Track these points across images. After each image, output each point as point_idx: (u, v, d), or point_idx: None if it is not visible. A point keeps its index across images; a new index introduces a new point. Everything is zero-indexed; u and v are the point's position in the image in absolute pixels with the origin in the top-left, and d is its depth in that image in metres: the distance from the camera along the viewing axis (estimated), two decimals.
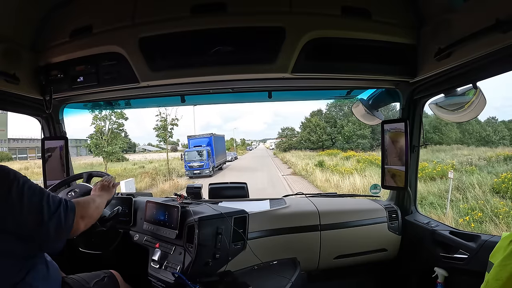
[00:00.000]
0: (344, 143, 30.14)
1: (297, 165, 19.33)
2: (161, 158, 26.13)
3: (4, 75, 1.44)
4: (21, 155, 31.34)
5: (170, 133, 18.90)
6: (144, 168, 20.76)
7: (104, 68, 1.59)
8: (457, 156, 16.59)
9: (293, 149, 34.97)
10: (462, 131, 27.49)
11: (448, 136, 26.89)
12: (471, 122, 27.30)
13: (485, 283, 0.97)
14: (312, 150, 30.95)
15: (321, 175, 13.71)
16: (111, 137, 16.43)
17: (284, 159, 27.27)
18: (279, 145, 41.83)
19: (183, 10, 1.42)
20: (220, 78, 1.63)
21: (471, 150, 20.21)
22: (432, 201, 8.10)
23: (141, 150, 43.39)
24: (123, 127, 16.70)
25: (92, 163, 24.26)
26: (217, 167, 19.97)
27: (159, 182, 14.70)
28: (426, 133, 13.03)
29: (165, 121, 17.98)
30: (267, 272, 1.67)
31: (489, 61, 1.22)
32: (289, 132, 40.38)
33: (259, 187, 10.81)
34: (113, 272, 1.46)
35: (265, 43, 1.46)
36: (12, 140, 34.49)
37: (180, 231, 1.59)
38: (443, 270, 1.64)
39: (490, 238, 1.47)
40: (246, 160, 31.59)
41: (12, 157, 28.21)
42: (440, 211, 7.36)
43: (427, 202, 8.05)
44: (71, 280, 1.26)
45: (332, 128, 32.34)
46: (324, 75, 1.61)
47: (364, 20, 1.46)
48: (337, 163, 17.24)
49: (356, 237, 1.91)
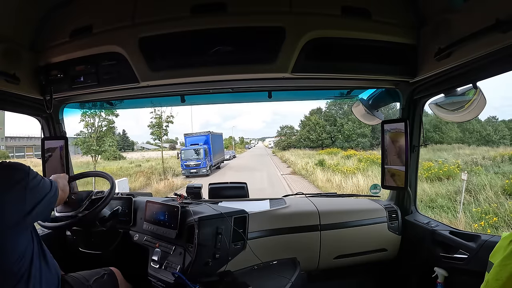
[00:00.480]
0: (343, 142, 29.91)
1: (296, 164, 19.01)
2: (159, 156, 25.80)
3: (4, 75, 1.44)
4: (19, 153, 31.30)
5: (165, 131, 18.16)
6: (141, 167, 20.32)
7: (104, 68, 1.59)
8: (460, 156, 16.21)
9: (292, 147, 34.82)
10: (463, 130, 27.26)
11: (449, 135, 26.65)
12: (472, 122, 26.94)
13: (485, 283, 0.97)
14: (312, 149, 30.76)
15: (322, 175, 13.34)
16: (100, 135, 15.41)
17: (283, 157, 26.96)
18: (278, 144, 41.54)
19: (183, 10, 1.42)
20: (220, 78, 1.63)
21: (472, 149, 19.91)
22: (442, 203, 7.58)
23: (140, 148, 43.41)
24: (113, 124, 15.70)
25: (89, 162, 24.05)
26: (215, 166, 19.67)
27: (154, 182, 14.27)
28: (426, 132, 12.57)
29: (160, 118, 17.32)
30: (267, 272, 1.67)
31: (489, 61, 1.22)
32: (288, 131, 40.24)
33: (257, 187, 10.64)
34: (113, 269, 1.46)
35: (265, 43, 1.46)
36: (10, 138, 34.47)
37: (180, 231, 1.59)
38: (443, 270, 1.64)
39: (490, 238, 1.47)
40: (245, 158, 31.33)
41: (9, 155, 28.04)
42: (452, 214, 7.02)
43: (436, 205, 7.56)
44: (70, 278, 1.27)
45: (332, 127, 32.10)
46: (324, 75, 1.61)
47: (364, 20, 1.45)
48: (338, 162, 16.75)
49: (356, 237, 1.91)
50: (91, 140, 14.74)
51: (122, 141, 44.87)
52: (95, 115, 14.55)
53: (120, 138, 44.59)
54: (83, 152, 15.26)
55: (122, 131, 46.70)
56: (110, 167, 20.09)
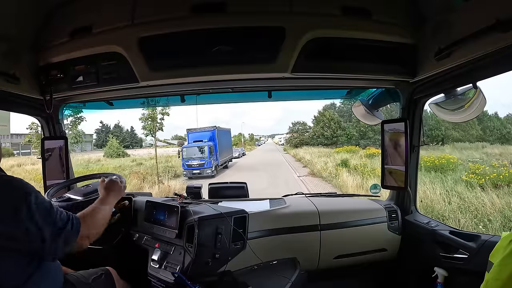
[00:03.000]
0: (359, 139, 28.35)
1: (314, 163, 16.37)
2: (167, 153, 24.56)
3: (4, 74, 1.44)
4: (25, 150, 31.18)
5: (160, 124, 15.39)
6: (142, 165, 18.52)
7: (104, 68, 1.59)
8: (490, 156, 14.24)
9: (305, 145, 32.53)
10: (483, 128, 25.68)
11: (469, 133, 24.85)
12: (492, 119, 25.92)
13: (485, 283, 0.96)
14: (326, 146, 28.90)
15: (352, 179, 10.46)
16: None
17: (297, 156, 24.31)
18: (289, 141, 39.06)
19: (183, 10, 1.42)
20: (220, 78, 1.63)
21: (495, 148, 17.99)
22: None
23: (148, 145, 43.29)
24: (80, 114, 14.91)
25: (90, 159, 23.31)
26: (222, 165, 17.31)
27: (147, 186, 12.12)
28: (445, 130, 12.34)
29: (154, 109, 14.56)
30: (267, 272, 1.67)
31: (489, 61, 1.22)
32: (300, 127, 38.14)
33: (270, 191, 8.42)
34: (109, 268, 1.47)
35: (265, 43, 1.46)
36: (15, 136, 34.41)
37: (180, 231, 1.59)
38: (443, 270, 1.64)
39: (490, 238, 1.47)
40: (255, 157, 28.64)
41: (13, 153, 27.83)
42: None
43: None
44: (72, 277, 1.28)
45: (347, 123, 30.31)
46: (324, 75, 1.61)
47: (364, 19, 1.45)
48: (365, 163, 13.61)
49: (356, 237, 1.91)
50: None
51: (129, 138, 44.57)
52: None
53: (127, 135, 44.50)
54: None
55: (130, 128, 46.50)
56: (108, 165, 18.94)
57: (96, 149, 19.85)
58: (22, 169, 15.66)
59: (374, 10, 1.45)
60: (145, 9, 1.46)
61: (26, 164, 17.37)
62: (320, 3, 1.43)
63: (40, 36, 1.60)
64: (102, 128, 42.19)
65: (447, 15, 1.28)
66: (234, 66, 1.51)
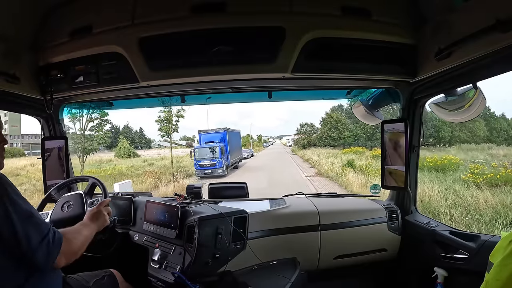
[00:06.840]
0: (366, 140, 28.40)
1: (321, 164, 16.92)
2: (176, 154, 24.02)
3: (4, 75, 1.44)
4: (35, 150, 31.17)
5: (175, 126, 15.88)
6: (154, 166, 18.76)
7: (104, 68, 1.59)
8: (495, 157, 14.44)
9: (313, 146, 32.91)
10: (490, 129, 25.49)
11: (476, 134, 24.86)
12: (499, 120, 25.85)
13: (485, 283, 0.97)
14: (333, 148, 29.16)
15: (356, 179, 11.05)
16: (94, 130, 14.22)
17: (305, 157, 24.61)
18: (297, 142, 39.46)
19: (183, 10, 1.42)
20: (220, 78, 1.63)
21: (501, 149, 18.05)
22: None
23: (157, 146, 43.21)
24: (106, 117, 14.15)
25: (101, 159, 23.21)
26: (232, 166, 17.76)
27: (163, 184, 12.77)
28: (452, 131, 12.23)
29: (170, 112, 15.10)
30: (267, 272, 1.67)
31: (489, 61, 1.22)
32: (308, 128, 38.49)
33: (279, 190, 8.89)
34: (113, 271, 1.46)
35: (265, 43, 1.46)
36: (26, 136, 34.38)
37: (180, 231, 1.59)
38: (443, 270, 1.64)
39: (490, 238, 1.47)
40: (264, 158, 28.89)
41: (24, 153, 27.84)
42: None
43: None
44: (71, 280, 1.26)
45: (354, 124, 30.26)
46: (324, 75, 1.61)
47: (364, 20, 1.45)
48: (370, 163, 14.17)
49: (356, 237, 1.91)
50: (80, 138, 13.35)
51: (138, 138, 44.77)
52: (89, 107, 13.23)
53: (136, 136, 44.70)
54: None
55: (139, 129, 46.77)
56: (121, 165, 19.06)
57: (105, 150, 19.76)
58: (35, 168, 15.53)
59: (374, 10, 1.45)
60: (145, 9, 1.46)
61: (38, 164, 17.35)
62: (320, 3, 1.43)
63: (40, 36, 1.60)
64: (111, 129, 42.55)
65: (447, 15, 1.28)
66: (234, 66, 1.51)
